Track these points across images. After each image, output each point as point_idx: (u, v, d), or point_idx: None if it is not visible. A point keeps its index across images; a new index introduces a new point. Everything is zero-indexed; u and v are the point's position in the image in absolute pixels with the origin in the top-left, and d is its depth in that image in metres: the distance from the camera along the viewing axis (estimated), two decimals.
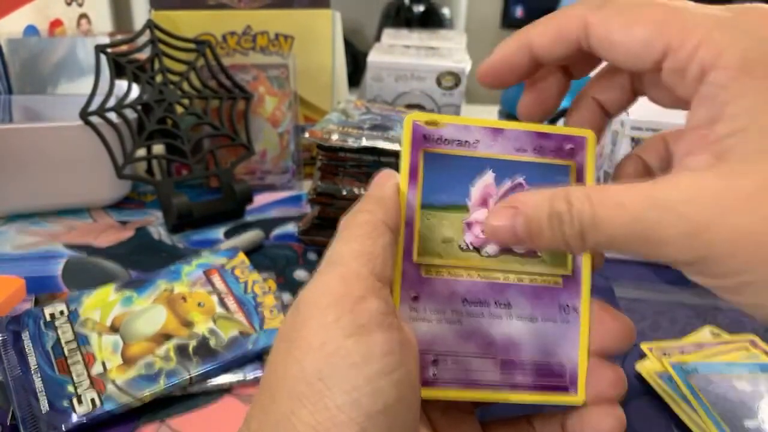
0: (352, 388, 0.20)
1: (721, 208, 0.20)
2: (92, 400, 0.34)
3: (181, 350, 0.38)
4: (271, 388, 0.21)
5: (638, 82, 0.27)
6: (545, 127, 0.27)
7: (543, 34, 0.25)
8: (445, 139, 0.26)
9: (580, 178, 0.27)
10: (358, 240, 0.23)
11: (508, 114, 0.69)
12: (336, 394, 0.20)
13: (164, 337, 0.39)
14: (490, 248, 0.26)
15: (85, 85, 0.58)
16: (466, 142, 0.26)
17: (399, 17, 1.42)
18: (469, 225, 0.26)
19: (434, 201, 0.26)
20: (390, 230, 0.24)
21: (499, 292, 0.26)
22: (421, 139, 0.26)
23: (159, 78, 0.58)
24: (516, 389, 0.26)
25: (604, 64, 0.28)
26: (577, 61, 0.27)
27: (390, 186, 0.25)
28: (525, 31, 0.26)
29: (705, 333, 0.43)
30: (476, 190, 0.26)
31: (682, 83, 0.22)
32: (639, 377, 0.39)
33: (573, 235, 0.22)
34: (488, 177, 0.26)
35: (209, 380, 0.37)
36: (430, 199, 0.26)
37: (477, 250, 0.26)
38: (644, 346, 0.41)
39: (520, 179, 0.26)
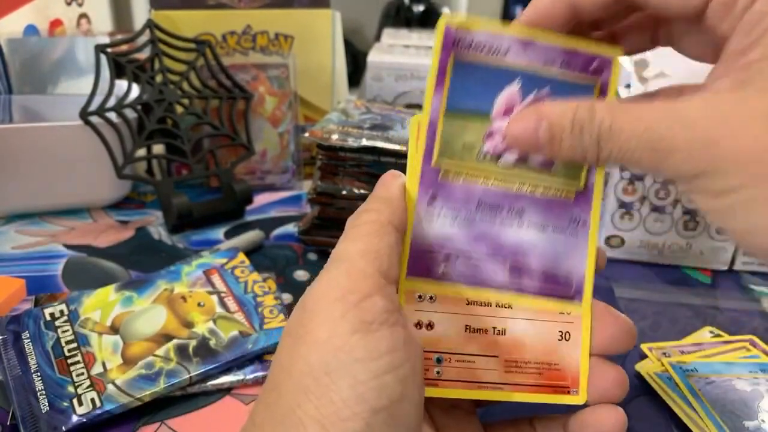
0: (357, 383, 0.20)
1: (732, 125, 0.20)
2: (92, 401, 0.34)
3: (181, 350, 0.38)
4: (278, 383, 0.21)
5: (666, 30, 0.27)
6: (576, 42, 0.27)
7: None
8: (477, 45, 0.26)
9: (602, 96, 0.27)
10: (364, 239, 0.24)
11: None
12: (342, 388, 0.20)
13: (164, 337, 0.39)
14: (509, 156, 0.27)
15: (84, 85, 0.58)
16: (497, 50, 0.26)
17: (399, 17, 1.42)
18: (490, 134, 0.26)
19: (459, 106, 0.26)
20: (396, 230, 0.24)
21: (513, 200, 0.26)
22: (452, 44, 0.26)
23: (159, 78, 0.58)
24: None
25: None
26: (614, 16, 0.27)
27: (396, 186, 0.26)
28: None
29: (704, 333, 0.43)
30: (501, 100, 0.26)
31: (729, 16, 0.22)
32: (639, 377, 0.39)
33: (591, 142, 0.23)
34: (514, 87, 0.26)
35: (209, 380, 0.37)
36: (455, 105, 0.26)
37: (495, 159, 0.26)
38: (644, 347, 0.41)
39: (545, 92, 0.27)
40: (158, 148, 0.65)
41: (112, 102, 0.56)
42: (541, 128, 0.24)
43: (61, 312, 0.40)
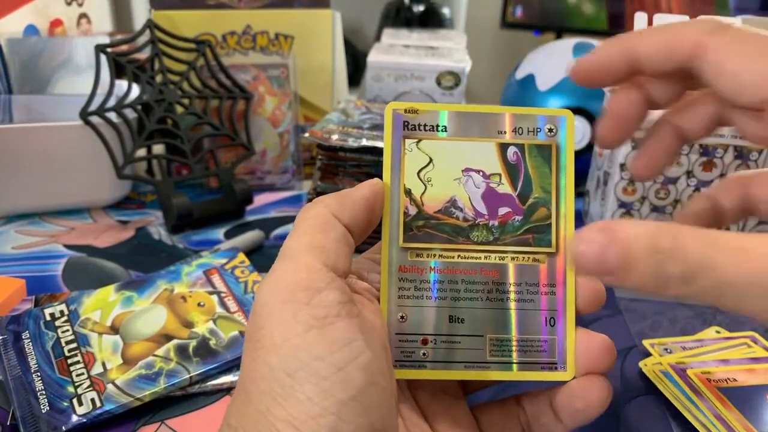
0: (320, 379, 0.20)
1: None
2: (92, 401, 0.34)
3: (181, 350, 0.38)
4: (246, 388, 0.22)
5: (727, 114, 0.26)
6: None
7: (651, 45, 0.24)
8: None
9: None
10: (308, 233, 0.24)
11: None
12: (306, 387, 0.20)
13: (164, 337, 0.39)
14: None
15: (84, 85, 0.58)
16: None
17: (399, 17, 1.42)
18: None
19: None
20: (341, 224, 0.24)
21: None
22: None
23: (159, 78, 0.58)
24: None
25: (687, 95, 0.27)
26: (671, 81, 0.26)
27: (363, 186, 0.26)
28: (629, 38, 0.25)
29: (711, 333, 0.43)
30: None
31: None
32: (641, 374, 0.39)
33: (676, 275, 0.20)
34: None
35: (209, 380, 0.37)
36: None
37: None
38: (646, 342, 0.41)
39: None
40: (158, 148, 0.65)
41: (112, 102, 0.56)
42: (610, 252, 0.20)
43: (61, 312, 0.40)
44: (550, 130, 0.27)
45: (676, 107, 0.28)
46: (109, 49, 0.57)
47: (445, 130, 0.27)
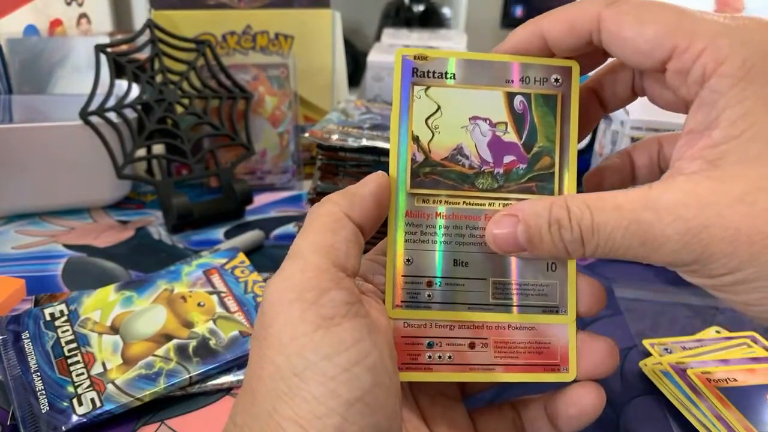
0: (327, 379, 0.20)
1: (716, 209, 0.21)
2: (92, 401, 0.34)
3: (181, 350, 0.38)
4: (252, 387, 0.22)
5: (640, 81, 0.28)
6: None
7: (556, 25, 0.26)
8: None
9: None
10: (318, 232, 0.24)
11: None
12: (312, 386, 0.20)
13: (164, 337, 0.39)
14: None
15: (84, 85, 0.58)
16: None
17: (399, 17, 1.42)
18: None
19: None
20: (352, 223, 0.24)
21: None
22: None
23: (159, 78, 0.58)
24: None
25: (608, 61, 0.29)
26: (585, 55, 0.27)
27: (369, 181, 0.26)
28: (537, 21, 0.26)
29: (711, 333, 0.43)
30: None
31: (685, 85, 0.23)
32: (641, 374, 0.39)
33: (573, 241, 0.23)
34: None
35: (209, 380, 0.37)
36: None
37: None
38: (645, 342, 0.41)
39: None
40: (158, 148, 0.65)
41: (112, 102, 0.56)
42: (519, 231, 0.24)
43: (61, 312, 0.40)
44: (557, 80, 0.28)
45: (596, 76, 0.29)
46: (109, 49, 0.57)
47: (454, 78, 0.27)
